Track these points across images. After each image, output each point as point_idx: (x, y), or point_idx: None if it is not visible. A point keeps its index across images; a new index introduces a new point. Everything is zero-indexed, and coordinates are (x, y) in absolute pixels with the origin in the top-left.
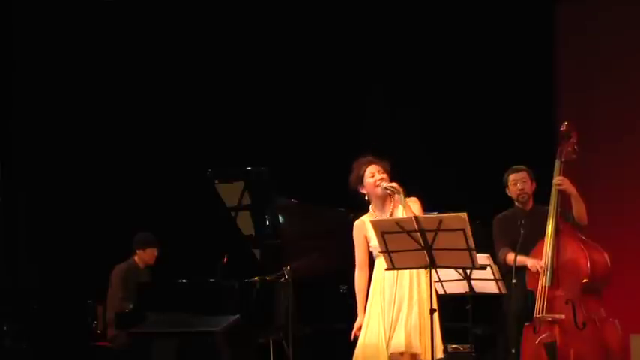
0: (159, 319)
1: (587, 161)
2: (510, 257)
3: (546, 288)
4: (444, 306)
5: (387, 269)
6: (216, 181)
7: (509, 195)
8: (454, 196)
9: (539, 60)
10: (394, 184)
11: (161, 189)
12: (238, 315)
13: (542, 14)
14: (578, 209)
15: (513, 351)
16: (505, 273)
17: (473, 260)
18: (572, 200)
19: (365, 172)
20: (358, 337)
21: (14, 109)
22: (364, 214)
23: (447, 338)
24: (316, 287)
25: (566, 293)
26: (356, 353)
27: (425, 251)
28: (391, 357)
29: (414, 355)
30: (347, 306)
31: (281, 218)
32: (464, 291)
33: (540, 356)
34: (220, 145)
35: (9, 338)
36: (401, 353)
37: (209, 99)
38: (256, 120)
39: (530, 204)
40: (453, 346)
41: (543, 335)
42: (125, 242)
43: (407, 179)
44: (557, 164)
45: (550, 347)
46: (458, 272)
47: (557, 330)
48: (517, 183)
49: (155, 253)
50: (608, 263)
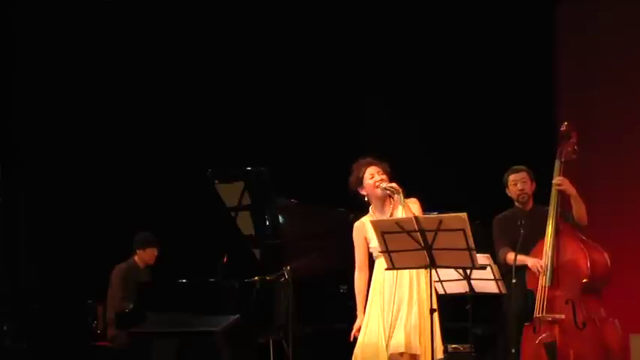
0: (159, 319)
1: (587, 161)
2: (510, 257)
3: (546, 288)
4: (444, 306)
5: (387, 269)
6: (216, 181)
7: (509, 195)
8: (454, 196)
9: (539, 60)
10: (393, 184)
11: (161, 189)
12: (238, 315)
13: (542, 14)
14: (578, 209)
15: (513, 351)
16: (505, 273)
17: (473, 260)
18: (572, 200)
19: (364, 174)
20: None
21: (14, 110)
22: (364, 215)
23: (447, 338)
24: (316, 287)
25: (566, 293)
26: (355, 353)
27: (425, 251)
28: (390, 358)
29: (414, 356)
30: (347, 306)
31: (281, 218)
32: (464, 291)
33: (540, 356)
34: (220, 145)
35: (9, 338)
36: (400, 354)
37: (209, 99)
38: (256, 120)
39: (530, 204)
40: (453, 346)
41: (543, 335)
42: (125, 242)
43: (407, 179)
44: (557, 164)
45: (550, 347)
46: (458, 272)
47: (557, 330)
48: (517, 183)
49: (155, 253)
50: (608, 263)
